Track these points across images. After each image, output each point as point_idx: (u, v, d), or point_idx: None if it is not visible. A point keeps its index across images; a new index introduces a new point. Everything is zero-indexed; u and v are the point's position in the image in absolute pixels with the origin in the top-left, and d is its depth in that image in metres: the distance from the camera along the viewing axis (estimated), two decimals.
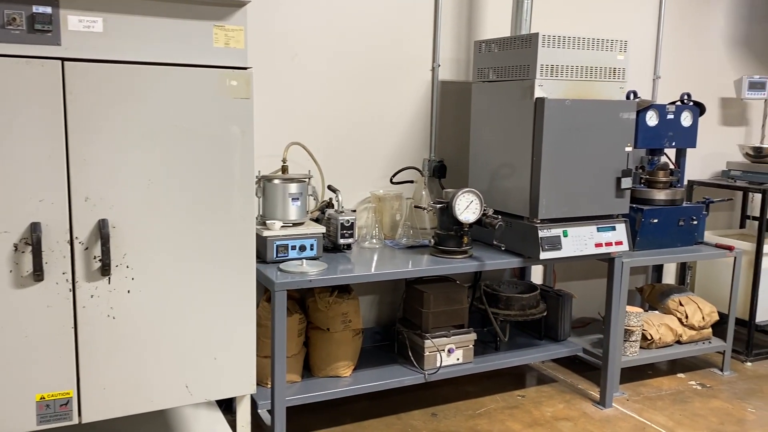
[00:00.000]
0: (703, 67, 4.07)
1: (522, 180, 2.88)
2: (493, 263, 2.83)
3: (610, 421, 3.01)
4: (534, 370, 3.59)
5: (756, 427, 3.00)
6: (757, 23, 4.20)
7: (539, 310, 3.25)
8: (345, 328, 2.81)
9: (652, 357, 3.38)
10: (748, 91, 4.00)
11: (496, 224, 2.74)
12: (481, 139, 3.14)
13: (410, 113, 3.29)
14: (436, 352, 2.90)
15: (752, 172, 3.88)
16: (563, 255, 2.87)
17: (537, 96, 2.76)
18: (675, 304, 3.59)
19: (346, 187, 3.09)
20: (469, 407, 3.11)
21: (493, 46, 3.00)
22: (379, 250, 2.93)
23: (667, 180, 3.51)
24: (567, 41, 2.79)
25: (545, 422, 2.98)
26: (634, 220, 3.35)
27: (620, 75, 2.93)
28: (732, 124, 4.26)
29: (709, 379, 3.53)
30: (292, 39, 2.99)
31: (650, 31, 3.87)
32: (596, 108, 2.86)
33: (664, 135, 3.48)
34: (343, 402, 3.01)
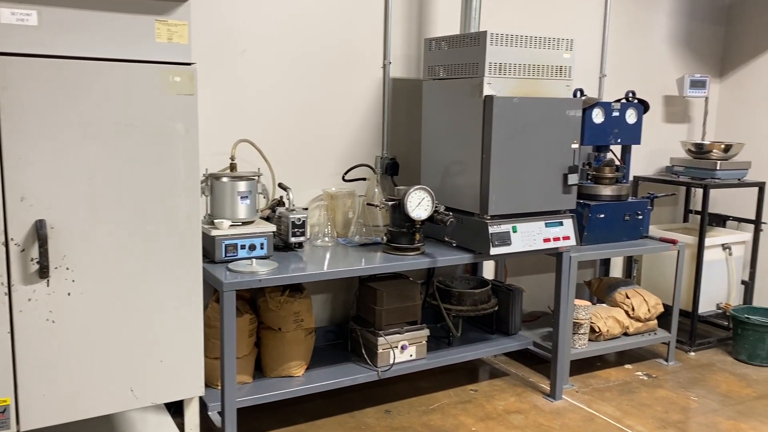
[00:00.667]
0: (647, 65, 4.18)
1: (472, 177, 2.91)
2: (445, 259, 2.85)
3: (560, 413, 3.07)
4: (486, 364, 3.63)
5: (698, 415, 3.10)
6: (698, 23, 4.34)
7: (491, 305, 3.29)
8: (297, 328, 2.79)
9: (600, 349, 3.46)
10: (690, 90, 4.12)
11: (448, 221, 2.76)
12: (433, 136, 3.15)
13: (362, 110, 3.29)
14: (389, 349, 2.90)
15: (694, 168, 4.00)
16: (513, 250, 2.91)
17: (486, 94, 2.79)
18: (622, 296, 3.68)
19: (297, 185, 3.07)
20: (423, 403, 3.13)
21: (443, 44, 3.02)
22: (332, 249, 2.91)
23: (613, 176, 3.59)
24: (515, 40, 2.82)
25: (497, 416, 3.02)
26: (582, 215, 3.42)
27: (567, 73, 2.98)
28: (675, 122, 4.39)
29: (655, 369, 3.64)
30: (241, 34, 2.94)
31: (596, 31, 3.95)
32: (544, 105, 2.90)
33: (609, 132, 3.56)
34: (296, 401, 2.98)
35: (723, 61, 4.48)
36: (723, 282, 4.04)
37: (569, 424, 2.96)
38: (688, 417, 3.08)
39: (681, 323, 3.80)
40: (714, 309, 4.02)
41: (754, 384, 3.47)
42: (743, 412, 3.14)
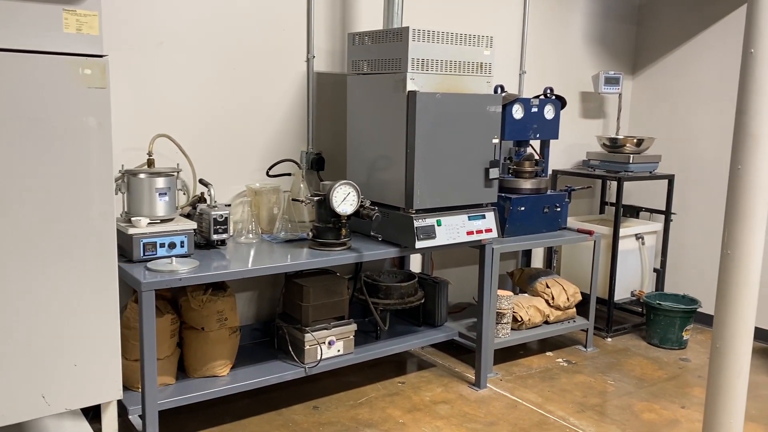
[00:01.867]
0: (564, 63, 4.33)
1: (397, 172, 2.93)
2: (371, 254, 2.86)
3: (484, 401, 3.15)
4: (414, 356, 3.68)
5: (615, 398, 3.25)
6: (612, 22, 4.53)
7: (417, 298, 3.33)
8: (221, 327, 2.74)
9: (522, 337, 3.57)
10: (605, 86, 4.29)
11: (374, 215, 2.78)
12: (358, 131, 3.16)
13: (286, 105, 3.25)
14: (316, 345, 2.89)
15: (609, 162, 4.18)
16: (437, 243, 2.96)
17: (409, 89, 2.81)
18: (542, 286, 3.81)
19: (219, 180, 3.01)
20: (351, 397, 3.14)
21: (366, 39, 3.03)
22: (256, 245, 2.87)
23: (533, 170, 3.70)
24: (436, 36, 2.86)
25: (424, 407, 3.07)
26: (503, 208, 3.52)
27: (487, 70, 3.05)
28: (591, 117, 4.57)
29: (575, 355, 3.79)
30: (158, 26, 2.85)
31: (516, 29, 4.06)
32: (465, 101, 2.96)
33: (529, 127, 3.67)
34: (221, 402, 2.93)
35: (635, 59, 4.70)
36: (636, 270, 4.25)
37: (493, 411, 3.04)
38: (605, 400, 3.22)
39: (598, 310, 3.96)
40: (629, 296, 4.22)
41: (666, 366, 3.66)
42: (656, 393, 3.31)
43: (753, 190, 1.98)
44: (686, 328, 3.90)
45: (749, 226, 2.00)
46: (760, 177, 1.98)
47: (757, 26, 1.90)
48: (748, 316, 2.02)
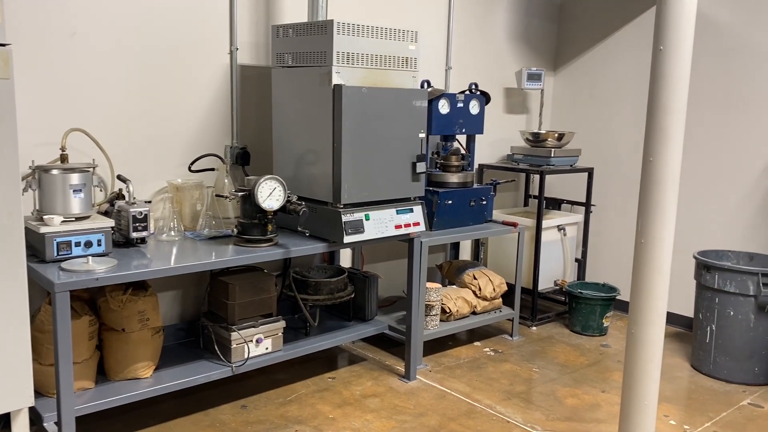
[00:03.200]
0: (488, 59, 4.41)
1: (324, 166, 2.91)
2: (299, 249, 2.83)
3: (414, 393, 3.18)
4: (345, 351, 3.68)
5: (539, 384, 3.35)
6: (534, 19, 4.64)
7: (347, 293, 3.33)
8: (143, 327, 2.64)
9: (451, 329, 3.62)
10: (527, 82, 4.40)
11: (300, 210, 2.75)
12: (284, 125, 3.11)
13: (209, 98, 3.17)
14: (243, 344, 2.84)
15: (532, 156, 4.29)
16: (366, 238, 2.95)
17: (335, 83, 2.79)
18: (470, 278, 3.87)
19: (139, 176, 2.90)
20: (280, 395, 3.10)
21: (291, 32, 2.99)
22: (179, 243, 2.79)
23: (459, 164, 3.76)
24: (361, 30, 2.85)
25: (354, 401, 3.07)
26: (431, 202, 3.55)
27: (412, 64, 3.06)
28: (515, 112, 4.68)
29: (501, 344, 3.88)
30: (71, 14, 2.71)
31: (442, 25, 4.10)
32: (391, 96, 2.96)
33: (455, 122, 3.73)
34: (145, 404, 2.84)
35: (556, 56, 4.84)
36: (559, 260, 4.39)
37: (422, 402, 3.08)
38: (531, 387, 3.31)
39: (523, 300, 4.07)
40: (552, 286, 4.35)
41: (587, 353, 3.80)
42: (578, 379, 3.43)
43: (664, 181, 2.08)
44: (606, 315, 4.06)
45: (661, 216, 2.09)
46: (670, 169, 2.08)
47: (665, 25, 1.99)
48: (661, 302, 2.12)
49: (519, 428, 2.87)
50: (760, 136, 3.81)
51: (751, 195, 3.87)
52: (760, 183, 3.82)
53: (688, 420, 3.01)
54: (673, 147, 2.08)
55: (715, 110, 3.99)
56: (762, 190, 3.82)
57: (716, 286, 3.38)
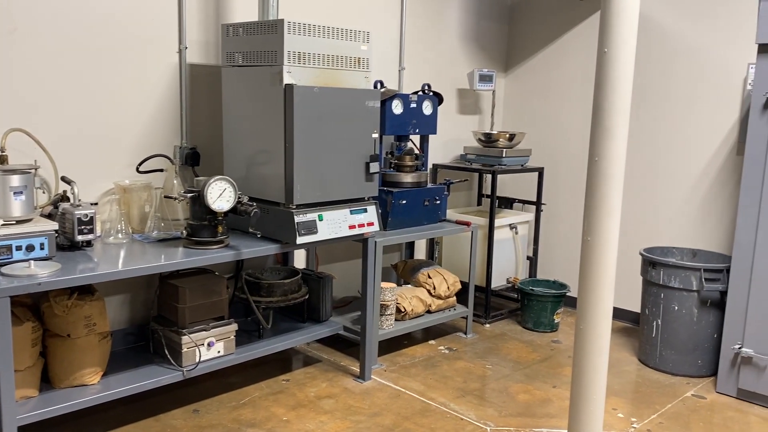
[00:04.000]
0: (441, 60, 4.45)
1: (276, 166, 2.89)
2: (250, 251, 2.80)
3: (369, 393, 3.18)
4: (300, 353, 3.65)
5: (492, 381, 3.40)
6: (486, 21, 4.70)
7: (301, 294, 3.31)
8: (89, 333, 2.57)
9: (406, 328, 3.64)
10: (479, 83, 4.46)
11: (252, 211, 2.72)
12: (234, 125, 3.07)
13: (158, 97, 3.10)
14: (194, 348, 2.79)
15: (484, 156, 4.34)
16: (319, 238, 2.94)
17: (286, 82, 2.77)
18: (424, 277, 3.90)
19: (85, 178, 2.83)
20: (233, 398, 3.06)
21: (241, 31, 2.95)
22: (127, 246, 2.73)
23: (413, 164, 3.78)
24: (313, 29, 2.84)
25: (309, 403, 3.05)
26: (386, 202, 3.56)
27: (365, 65, 3.06)
28: (467, 113, 4.73)
29: (456, 342, 3.91)
30: (11, 10, 2.62)
31: (395, 25, 4.12)
32: (343, 96, 2.96)
33: (408, 122, 3.74)
34: (93, 411, 2.77)
35: (507, 57, 4.91)
36: (511, 258, 4.45)
37: (377, 402, 3.08)
38: (484, 384, 3.36)
39: (477, 298, 4.12)
40: (504, 283, 4.42)
41: (539, 349, 3.87)
42: (530, 375, 3.49)
43: (608, 180, 2.12)
44: (557, 311, 4.14)
45: (606, 214, 2.14)
46: (615, 168, 2.13)
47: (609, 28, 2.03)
48: (607, 298, 2.17)
49: (472, 425, 2.91)
50: (702, 136, 3.94)
51: (693, 193, 4.00)
52: (702, 182, 3.96)
53: (636, 412, 3.10)
54: (618, 146, 2.13)
55: (660, 111, 4.11)
56: (704, 189, 3.95)
57: (661, 282, 3.49)
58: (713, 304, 3.42)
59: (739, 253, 3.22)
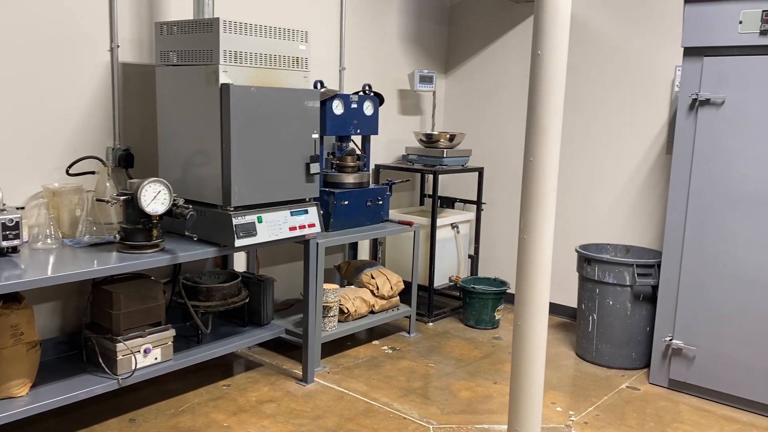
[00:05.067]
0: (382, 60, 4.46)
1: (213, 168, 2.83)
2: (187, 255, 2.73)
3: (311, 395, 3.16)
4: (241, 358, 3.59)
5: (435, 379, 3.42)
6: (426, 22, 4.74)
7: (241, 298, 3.25)
8: (16, 342, 2.46)
9: (349, 329, 3.63)
10: (420, 84, 4.49)
11: (188, 214, 2.65)
12: (170, 125, 3.00)
13: (89, 97, 3.00)
14: (130, 355, 2.71)
15: (426, 156, 4.37)
16: (259, 241, 2.90)
17: (222, 82, 2.72)
18: (367, 277, 3.90)
19: (10, 181, 2.71)
20: (172, 405, 2.99)
21: (175, 29, 2.88)
22: (57, 251, 2.62)
23: (355, 165, 3.77)
24: (249, 28, 2.79)
25: (250, 408, 3.00)
26: (328, 203, 3.54)
27: (303, 64, 3.04)
28: (409, 113, 4.75)
29: (399, 342, 3.93)
30: None
31: (334, 25, 4.10)
32: (282, 96, 2.93)
33: (349, 123, 3.74)
34: (22, 425, 2.66)
35: (448, 59, 4.97)
36: (453, 257, 4.51)
37: (320, 405, 3.06)
38: (427, 383, 3.38)
39: (420, 297, 4.15)
40: (447, 282, 4.47)
41: (481, 346, 3.93)
42: (472, 372, 3.54)
43: (543, 179, 2.16)
44: (498, 308, 4.21)
45: (541, 213, 2.18)
46: (549, 167, 2.17)
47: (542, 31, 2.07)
48: (544, 295, 2.21)
49: (415, 424, 2.92)
50: (634, 136, 4.08)
51: (626, 191, 4.14)
52: (634, 180, 4.10)
53: (574, 406, 3.18)
54: (552, 146, 2.17)
55: (594, 112, 4.24)
56: (636, 187, 4.09)
57: (596, 278, 3.59)
58: (645, 299, 3.55)
59: (669, 249, 3.35)
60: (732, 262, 3.14)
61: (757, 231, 3.07)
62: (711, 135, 3.16)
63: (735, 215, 3.12)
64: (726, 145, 3.13)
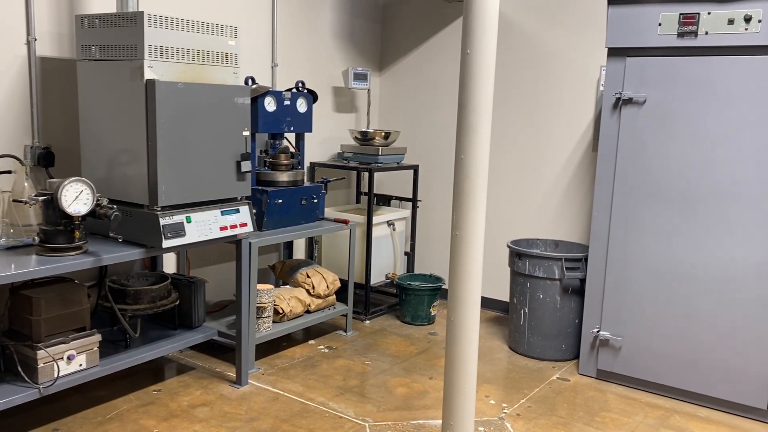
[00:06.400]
0: (315, 57, 4.42)
1: (139, 166, 2.74)
2: (112, 257, 2.63)
3: (245, 398, 3.10)
4: (172, 362, 3.50)
5: (372, 377, 3.43)
6: (359, 20, 4.73)
7: (171, 300, 3.16)
8: None
9: (284, 329, 3.59)
10: (354, 82, 4.48)
11: (112, 214, 2.56)
12: (93, 122, 2.88)
13: (4, 93, 2.84)
14: (52, 362, 2.59)
15: (361, 154, 4.37)
16: (188, 241, 2.82)
17: (147, 78, 2.64)
18: (303, 277, 3.86)
19: None
20: (99, 413, 2.88)
21: (97, 22, 2.77)
22: None
23: (289, 162, 3.73)
24: (175, 23, 2.71)
25: (182, 412, 2.92)
26: (261, 201, 3.49)
27: (233, 60, 2.98)
28: (344, 111, 4.74)
29: (336, 341, 3.91)
30: None
31: (266, 21, 4.04)
32: (211, 92, 2.86)
33: (282, 120, 3.69)
34: None
35: (382, 57, 4.98)
36: (390, 254, 4.52)
37: (254, 407, 3.01)
38: (364, 381, 3.38)
39: (357, 295, 4.15)
40: (384, 279, 4.48)
41: (417, 342, 3.96)
42: (408, 368, 3.56)
43: (474, 176, 2.19)
44: (433, 304, 4.26)
45: (472, 208, 2.21)
46: (480, 165, 2.20)
47: (471, 30, 2.10)
48: (475, 289, 2.24)
49: (351, 422, 2.92)
50: (562, 134, 4.20)
51: (555, 187, 4.25)
52: (563, 176, 4.21)
53: (506, 398, 3.24)
54: (482, 144, 2.20)
55: (523, 110, 4.33)
56: (564, 183, 4.21)
57: (527, 272, 3.68)
58: (574, 292, 3.66)
59: (595, 243, 3.46)
60: (653, 255, 3.28)
61: (676, 225, 3.21)
62: (633, 133, 3.29)
63: (656, 210, 3.26)
64: (647, 142, 3.26)
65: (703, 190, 3.13)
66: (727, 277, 3.10)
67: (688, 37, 3.09)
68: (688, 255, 3.19)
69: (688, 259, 3.19)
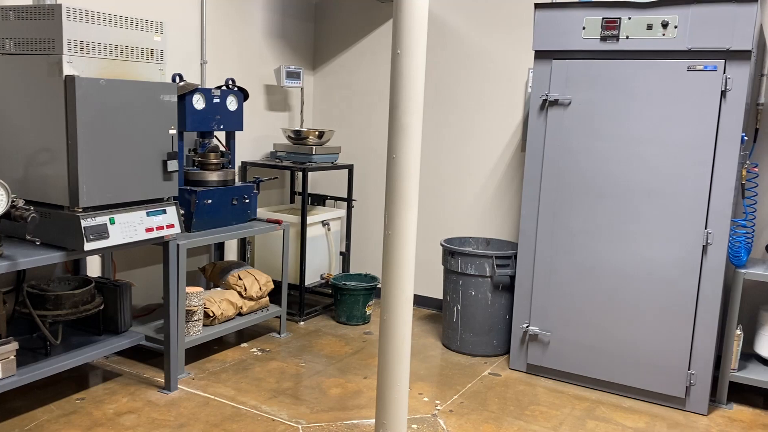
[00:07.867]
0: (246, 55, 4.35)
1: (59, 166, 2.62)
2: (29, 261, 2.51)
3: (175, 403, 3.02)
4: (98, 368, 3.36)
5: (306, 378, 3.40)
6: (291, 18, 4.68)
7: (95, 305, 3.03)
8: None
9: (215, 333, 3.51)
10: (287, 80, 4.42)
11: (28, 216, 2.44)
12: (7, 120, 2.73)
13: None
14: None
15: (295, 153, 4.32)
16: (111, 243, 2.72)
17: (66, 74, 2.52)
18: (234, 278, 3.79)
19: None
20: (16, 425, 2.73)
21: (11, 14, 2.63)
22: None
23: (219, 162, 3.65)
24: (97, 17, 2.61)
25: (107, 421, 2.82)
26: (189, 202, 3.40)
27: (158, 56, 2.89)
28: (276, 110, 4.68)
29: (269, 343, 3.86)
30: None
31: (195, 17, 3.94)
32: (135, 89, 2.76)
33: (212, 118, 3.61)
34: None
35: (315, 55, 4.94)
36: (325, 255, 4.49)
37: (184, 413, 2.93)
38: (298, 382, 3.34)
39: (292, 296, 4.10)
40: (319, 280, 4.45)
41: (352, 342, 3.95)
42: (342, 368, 3.54)
43: (405, 176, 2.20)
44: (368, 303, 4.26)
45: (404, 208, 2.22)
46: (411, 164, 2.22)
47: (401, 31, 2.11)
48: (408, 288, 2.25)
49: (284, 425, 2.88)
50: (492, 134, 4.28)
51: (486, 186, 4.34)
52: (493, 176, 4.30)
53: (440, 395, 3.28)
54: (413, 143, 2.21)
55: (455, 111, 4.39)
56: (495, 182, 4.30)
57: (459, 270, 3.73)
58: (504, 288, 3.73)
59: (524, 241, 3.55)
60: (579, 251, 3.39)
61: (600, 222, 3.32)
62: (559, 133, 3.38)
63: (581, 207, 3.37)
64: (573, 142, 3.36)
65: (625, 188, 3.25)
66: (647, 272, 3.23)
67: (611, 41, 3.20)
68: (610, 251, 3.31)
69: (610, 254, 3.31)
